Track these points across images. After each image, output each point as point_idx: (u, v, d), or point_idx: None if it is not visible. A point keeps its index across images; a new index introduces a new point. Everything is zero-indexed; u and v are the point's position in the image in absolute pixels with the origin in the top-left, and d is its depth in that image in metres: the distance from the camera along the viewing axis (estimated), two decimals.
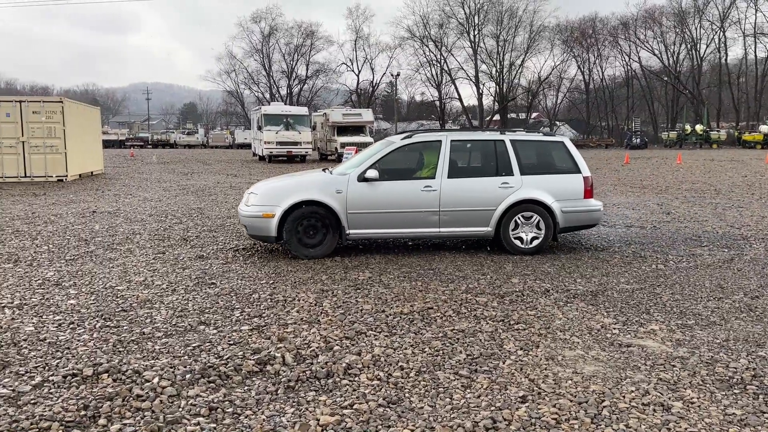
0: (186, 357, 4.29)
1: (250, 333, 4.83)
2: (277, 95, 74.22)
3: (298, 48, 75.16)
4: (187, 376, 3.95)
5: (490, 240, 8.26)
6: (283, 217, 7.54)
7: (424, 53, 71.53)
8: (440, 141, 8.06)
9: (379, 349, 4.48)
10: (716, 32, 65.97)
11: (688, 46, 67.81)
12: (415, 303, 5.67)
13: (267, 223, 7.56)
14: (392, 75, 66.63)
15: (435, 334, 4.83)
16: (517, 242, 7.94)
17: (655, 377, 4.02)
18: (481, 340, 4.73)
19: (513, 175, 7.98)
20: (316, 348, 4.48)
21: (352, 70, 75.63)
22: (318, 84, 76.53)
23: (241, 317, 5.25)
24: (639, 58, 70.11)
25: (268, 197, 7.72)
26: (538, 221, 7.95)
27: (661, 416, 3.49)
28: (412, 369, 4.14)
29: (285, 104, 57.35)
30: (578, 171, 8.23)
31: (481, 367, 4.19)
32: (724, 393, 3.80)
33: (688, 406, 3.62)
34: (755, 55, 65.96)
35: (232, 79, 77.32)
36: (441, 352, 4.46)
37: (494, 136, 8.27)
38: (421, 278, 6.67)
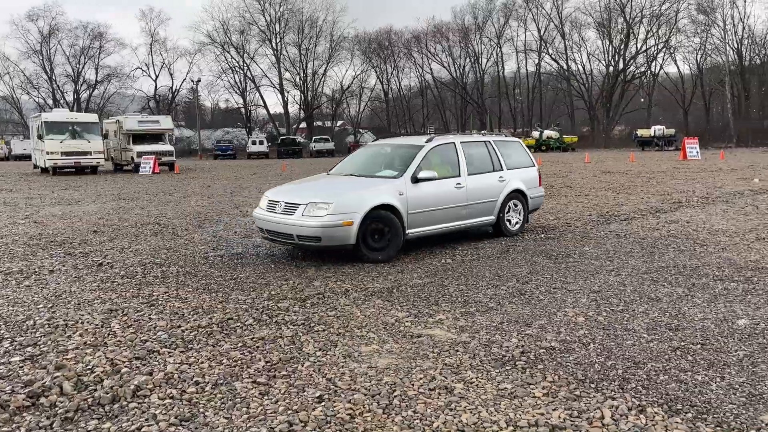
0: None
1: (21, 364, 4.32)
2: (62, 101, 67.22)
3: (85, 50, 68.95)
4: None
5: (492, 227, 9.52)
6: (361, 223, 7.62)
7: (226, 59, 69.83)
8: (453, 143, 9.03)
9: (172, 366, 4.27)
10: (494, 48, 73.63)
11: (472, 59, 74.66)
12: (215, 315, 5.51)
13: (347, 231, 7.51)
14: (193, 81, 64.24)
15: (234, 345, 4.73)
16: (509, 224, 9.52)
17: (441, 363, 4.35)
18: (281, 345, 4.73)
19: (503, 170, 9.45)
20: (101, 372, 4.14)
21: (149, 75, 71.33)
22: (111, 89, 70.91)
23: (11, 348, 4.67)
24: (431, 69, 75.65)
25: (345, 205, 7.60)
26: (519, 207, 9.63)
27: (445, 398, 3.78)
28: (208, 383, 4.01)
29: (71, 111, 52.30)
30: (534, 164, 10.06)
31: (279, 372, 4.19)
32: (498, 371, 4.23)
33: (467, 386, 3.97)
34: (526, 70, 74.76)
35: (6, 83, 68.60)
36: (240, 362, 4.38)
37: (482, 138, 9.69)
38: (221, 289, 6.49)
